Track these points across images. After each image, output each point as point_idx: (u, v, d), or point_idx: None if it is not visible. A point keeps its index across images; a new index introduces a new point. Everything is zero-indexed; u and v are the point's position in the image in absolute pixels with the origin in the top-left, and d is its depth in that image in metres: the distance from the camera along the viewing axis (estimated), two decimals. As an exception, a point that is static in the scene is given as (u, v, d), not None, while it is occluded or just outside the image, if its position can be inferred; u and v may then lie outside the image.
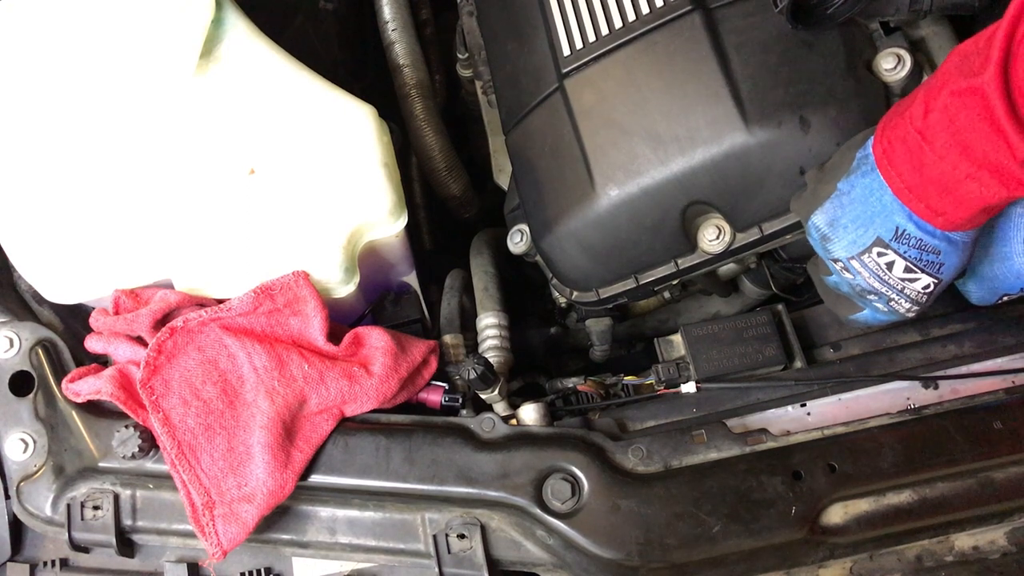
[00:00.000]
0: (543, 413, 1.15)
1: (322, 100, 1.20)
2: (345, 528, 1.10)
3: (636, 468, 1.06)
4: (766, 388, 1.13)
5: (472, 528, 1.06)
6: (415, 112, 1.48)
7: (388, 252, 1.26)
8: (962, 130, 0.75)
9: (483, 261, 1.37)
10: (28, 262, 1.16)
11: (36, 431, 1.14)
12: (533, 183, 1.17)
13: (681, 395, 1.15)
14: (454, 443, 1.09)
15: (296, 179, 1.16)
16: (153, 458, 1.11)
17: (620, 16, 1.09)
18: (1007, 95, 0.72)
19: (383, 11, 1.53)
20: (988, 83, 0.72)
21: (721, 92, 1.00)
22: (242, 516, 1.05)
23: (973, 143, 0.75)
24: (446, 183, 1.50)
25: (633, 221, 1.06)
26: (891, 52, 1.00)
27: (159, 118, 1.18)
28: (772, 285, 1.24)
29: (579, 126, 1.09)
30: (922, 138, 0.79)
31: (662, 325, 1.39)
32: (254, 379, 1.10)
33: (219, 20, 1.21)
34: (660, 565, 1.01)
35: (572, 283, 1.19)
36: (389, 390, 1.12)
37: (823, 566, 1.01)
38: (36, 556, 1.16)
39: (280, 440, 1.07)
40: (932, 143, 0.78)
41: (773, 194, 1.01)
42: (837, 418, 1.08)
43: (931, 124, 0.78)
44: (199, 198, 1.16)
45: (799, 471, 1.02)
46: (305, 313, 1.13)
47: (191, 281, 1.15)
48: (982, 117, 0.73)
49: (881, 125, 0.86)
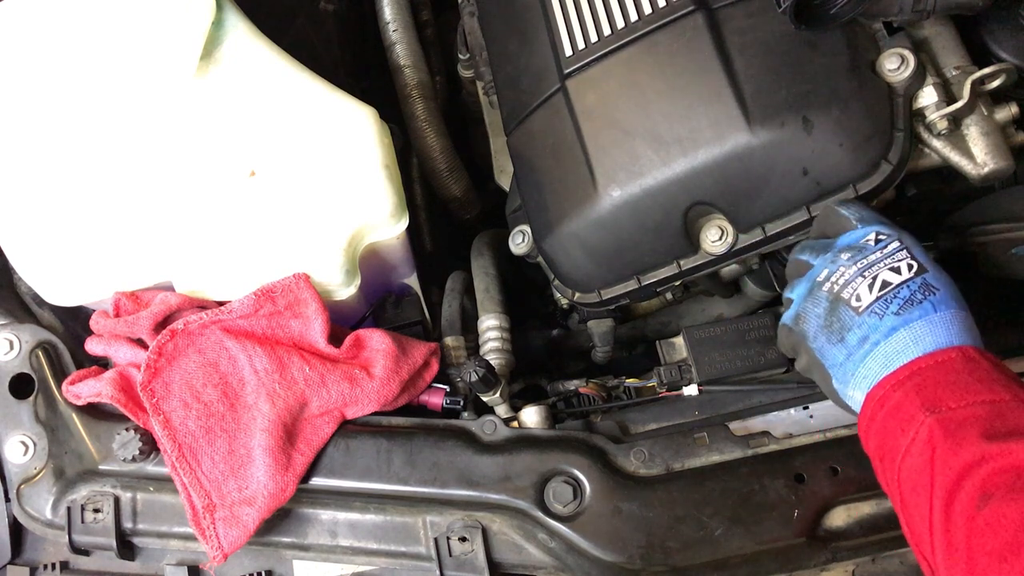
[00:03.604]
0: (545, 415, 1.15)
1: (323, 102, 1.20)
2: (346, 531, 1.09)
3: (638, 471, 1.06)
4: (768, 391, 1.13)
5: (473, 531, 1.06)
6: (416, 113, 1.48)
7: (389, 254, 1.26)
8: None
9: (484, 263, 1.36)
10: (28, 264, 1.16)
11: (36, 434, 1.14)
12: (535, 184, 1.17)
13: (683, 398, 1.15)
14: (455, 446, 1.09)
15: (297, 181, 1.16)
16: (154, 461, 1.11)
17: (622, 16, 1.08)
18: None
19: (384, 12, 1.53)
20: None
21: (724, 92, 0.99)
22: (243, 519, 1.05)
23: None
24: (447, 184, 1.50)
25: (635, 222, 1.06)
26: (894, 52, 1.00)
27: (159, 120, 1.18)
28: (776, 286, 1.24)
29: (581, 127, 1.08)
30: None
31: (664, 327, 1.38)
32: (255, 382, 1.09)
33: (219, 22, 1.21)
34: (662, 568, 1.01)
35: (574, 284, 1.18)
36: (390, 392, 1.12)
37: (825, 569, 1.01)
38: (36, 559, 1.15)
39: (281, 443, 1.06)
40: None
41: (776, 195, 1.01)
42: (839, 421, 1.07)
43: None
44: (199, 200, 1.15)
45: (801, 474, 1.02)
46: (306, 315, 1.13)
47: (192, 283, 1.15)
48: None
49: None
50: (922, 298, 0.84)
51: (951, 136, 1.02)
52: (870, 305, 0.85)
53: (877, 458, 0.85)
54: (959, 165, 1.02)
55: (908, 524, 0.81)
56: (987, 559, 0.69)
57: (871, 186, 0.99)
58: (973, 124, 1.02)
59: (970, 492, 0.72)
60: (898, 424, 0.80)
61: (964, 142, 1.02)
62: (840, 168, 0.99)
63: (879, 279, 0.86)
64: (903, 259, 0.87)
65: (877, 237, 0.90)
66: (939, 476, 0.75)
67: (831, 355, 0.88)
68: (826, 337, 0.89)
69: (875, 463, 0.86)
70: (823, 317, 0.89)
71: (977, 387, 0.78)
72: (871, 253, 0.88)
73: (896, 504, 0.83)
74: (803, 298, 0.93)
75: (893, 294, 0.85)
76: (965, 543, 0.72)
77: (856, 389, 0.86)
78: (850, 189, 0.99)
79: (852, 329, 0.86)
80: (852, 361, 0.86)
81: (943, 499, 0.74)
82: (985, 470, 0.72)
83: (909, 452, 0.79)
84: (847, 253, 0.90)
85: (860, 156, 0.98)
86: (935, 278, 0.86)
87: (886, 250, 0.88)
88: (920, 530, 0.78)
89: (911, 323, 0.83)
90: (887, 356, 0.83)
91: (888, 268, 0.86)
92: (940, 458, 0.75)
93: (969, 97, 0.99)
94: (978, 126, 1.02)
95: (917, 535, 0.79)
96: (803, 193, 1.01)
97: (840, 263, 0.90)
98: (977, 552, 0.70)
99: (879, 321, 0.84)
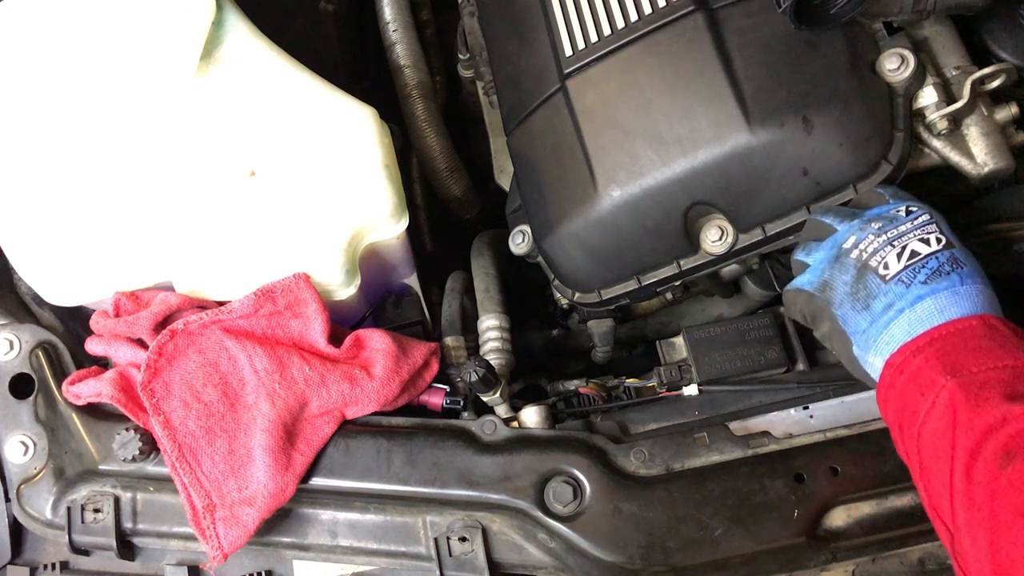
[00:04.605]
0: (544, 415, 1.15)
1: (323, 102, 1.20)
2: (346, 531, 1.09)
3: (638, 471, 1.06)
4: (768, 391, 1.13)
5: (473, 531, 1.06)
6: (416, 113, 1.48)
7: (389, 254, 1.26)
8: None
9: (484, 263, 1.36)
10: (28, 264, 1.16)
11: (36, 434, 1.14)
12: (535, 184, 1.17)
13: (683, 398, 1.15)
14: (455, 446, 1.09)
15: (297, 181, 1.16)
16: (154, 461, 1.11)
17: (622, 16, 1.08)
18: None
19: (384, 12, 1.53)
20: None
21: (724, 92, 0.99)
22: (243, 519, 1.05)
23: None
24: (447, 184, 1.50)
25: (635, 222, 1.06)
26: (894, 52, 1.00)
27: (159, 120, 1.18)
28: (776, 285, 1.24)
29: (581, 127, 1.08)
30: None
31: (664, 327, 1.38)
32: (255, 382, 1.09)
33: (220, 22, 1.21)
34: (662, 568, 1.01)
35: (574, 284, 1.18)
36: (390, 392, 1.12)
37: (825, 569, 1.00)
38: (36, 559, 1.15)
39: (281, 443, 1.06)
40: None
41: (776, 195, 1.01)
42: (839, 420, 1.07)
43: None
44: (199, 200, 1.15)
45: (801, 474, 1.02)
46: (306, 315, 1.12)
47: (192, 283, 1.15)
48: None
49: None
50: (950, 270, 0.84)
51: (951, 136, 1.02)
52: (898, 274, 0.85)
53: (896, 425, 0.85)
54: (959, 165, 1.02)
55: (927, 489, 0.80)
56: (1010, 516, 0.69)
57: (871, 186, 0.99)
58: (973, 124, 1.02)
59: (992, 452, 0.72)
60: (918, 389, 0.80)
61: (964, 142, 1.02)
62: (840, 168, 0.99)
63: (908, 249, 0.86)
64: (933, 232, 0.87)
65: (908, 209, 0.90)
66: (960, 438, 0.75)
67: (854, 322, 0.88)
68: (851, 304, 0.89)
69: (893, 431, 0.86)
70: (850, 284, 0.89)
71: (999, 352, 0.78)
72: (901, 224, 0.89)
73: (915, 472, 0.82)
74: (828, 264, 0.93)
75: (921, 264, 0.85)
76: (988, 502, 0.71)
77: (877, 355, 0.86)
78: (850, 189, 1.00)
79: (878, 296, 0.86)
80: (875, 327, 0.86)
81: (964, 460, 0.74)
82: (1008, 430, 0.72)
83: (929, 416, 0.79)
84: (877, 223, 0.90)
85: (860, 156, 0.98)
86: (962, 253, 0.86)
87: (916, 222, 0.88)
88: (940, 493, 0.77)
89: (937, 293, 0.83)
90: (911, 323, 0.83)
91: (918, 239, 0.87)
92: (961, 420, 0.75)
93: (969, 97, 0.99)
94: (978, 126, 1.02)
95: (936, 499, 0.78)
96: (803, 193, 1.01)
97: (869, 231, 0.90)
98: (1000, 510, 0.70)
99: (906, 290, 0.84)
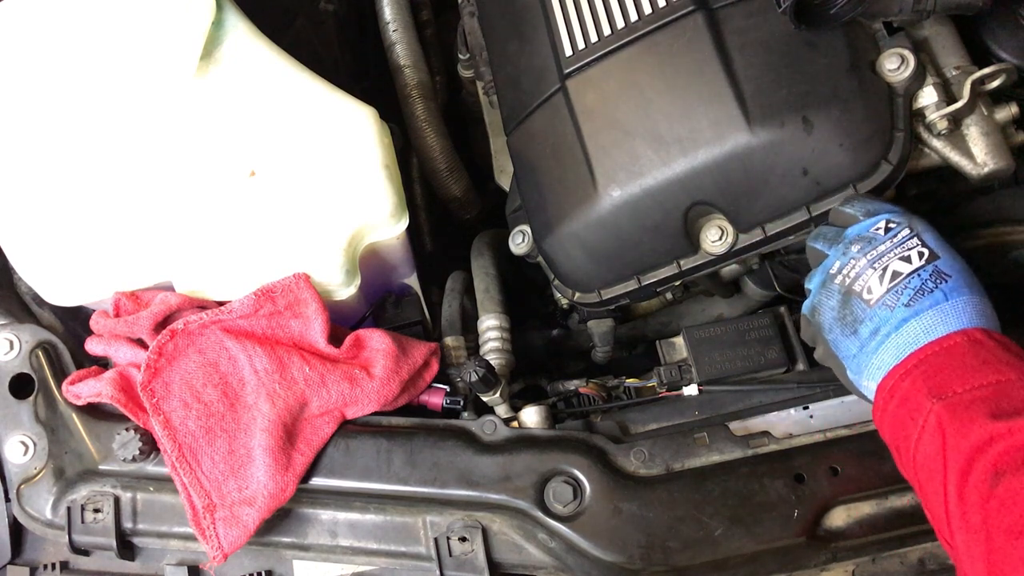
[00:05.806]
0: (545, 415, 1.15)
1: (323, 102, 1.20)
2: (346, 531, 1.09)
3: (638, 471, 1.06)
4: (768, 391, 1.12)
5: (473, 531, 1.06)
6: (416, 113, 1.48)
7: (389, 254, 1.26)
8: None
9: (484, 263, 1.36)
10: (28, 264, 1.16)
11: (36, 434, 1.14)
12: (535, 184, 1.17)
13: (683, 398, 1.15)
14: (455, 446, 1.09)
15: (297, 181, 1.16)
16: (154, 461, 1.11)
17: (622, 16, 1.08)
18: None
19: (384, 12, 1.53)
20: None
21: (724, 92, 0.99)
22: (243, 519, 1.05)
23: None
24: (447, 184, 1.50)
25: (635, 222, 1.06)
26: (894, 52, 1.00)
27: (159, 120, 1.18)
28: (776, 285, 1.24)
29: (581, 127, 1.08)
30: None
31: (664, 327, 1.38)
32: (255, 382, 1.09)
33: (219, 22, 1.21)
34: (662, 568, 1.01)
35: (574, 284, 1.18)
36: (390, 392, 1.12)
37: (825, 569, 1.00)
38: (36, 559, 1.15)
39: (281, 443, 1.06)
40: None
41: (776, 195, 1.01)
42: (839, 420, 1.07)
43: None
44: (200, 200, 1.15)
45: (801, 474, 1.02)
46: (306, 315, 1.12)
47: (192, 283, 1.14)
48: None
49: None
50: (933, 286, 0.84)
51: (951, 136, 1.02)
52: (881, 297, 0.85)
53: (893, 448, 0.86)
54: (959, 165, 1.02)
55: (926, 508, 0.81)
56: (1003, 536, 0.69)
57: (871, 186, 0.99)
58: (973, 124, 1.02)
59: (982, 472, 0.72)
60: (908, 413, 0.81)
61: (964, 142, 1.02)
62: (840, 168, 0.99)
63: (889, 270, 0.86)
64: (914, 247, 0.87)
65: (887, 225, 0.89)
66: (951, 460, 0.75)
67: (845, 347, 0.89)
68: (840, 329, 0.89)
69: (892, 452, 0.86)
70: (836, 309, 0.90)
71: (983, 369, 0.78)
72: (880, 243, 0.88)
73: (917, 492, 0.83)
74: (817, 290, 0.93)
75: (904, 284, 0.85)
76: (982, 523, 0.72)
77: (870, 380, 0.86)
78: (850, 189, 1.00)
79: (864, 322, 0.86)
80: (865, 353, 0.86)
81: (956, 483, 0.74)
82: (995, 449, 0.72)
83: (921, 440, 0.79)
84: (857, 244, 0.90)
85: (860, 156, 0.98)
86: (947, 264, 0.85)
87: (896, 239, 0.88)
88: (938, 515, 0.78)
89: (921, 314, 0.83)
90: (898, 347, 0.84)
91: (898, 258, 0.86)
92: (950, 443, 0.76)
93: (969, 97, 0.99)
94: (978, 126, 1.02)
95: (936, 520, 0.79)
96: (803, 193, 1.01)
97: (851, 255, 0.90)
98: (995, 530, 0.70)
99: (890, 313, 0.84)
